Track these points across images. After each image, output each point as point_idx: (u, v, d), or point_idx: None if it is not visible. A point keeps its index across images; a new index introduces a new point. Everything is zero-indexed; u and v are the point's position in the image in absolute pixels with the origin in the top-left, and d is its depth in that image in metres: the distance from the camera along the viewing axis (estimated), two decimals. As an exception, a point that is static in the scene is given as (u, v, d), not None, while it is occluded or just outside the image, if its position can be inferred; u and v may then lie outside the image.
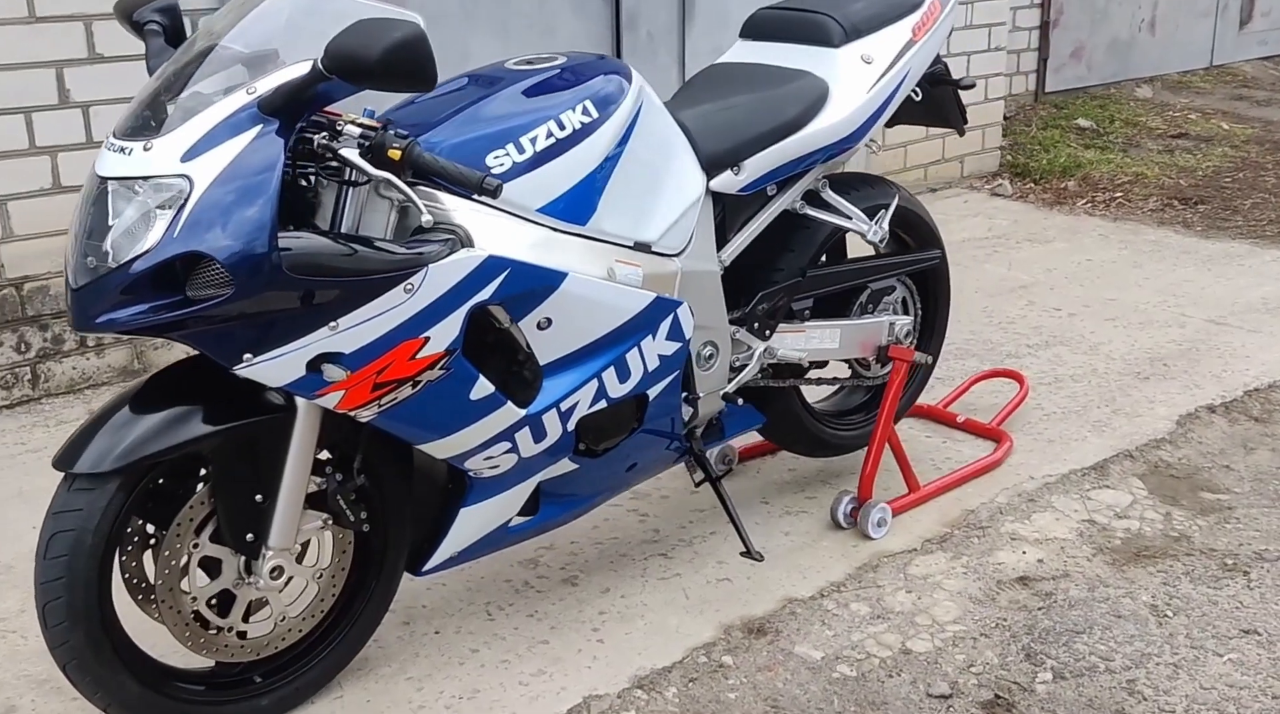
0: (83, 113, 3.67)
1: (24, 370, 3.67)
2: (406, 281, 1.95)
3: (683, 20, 4.95)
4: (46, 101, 3.60)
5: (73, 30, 3.61)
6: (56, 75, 3.61)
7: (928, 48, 2.77)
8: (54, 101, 3.62)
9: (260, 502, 2.07)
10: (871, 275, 2.86)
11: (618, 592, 2.65)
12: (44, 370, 3.70)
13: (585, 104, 2.22)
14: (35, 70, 3.57)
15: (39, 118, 3.60)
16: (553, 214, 2.18)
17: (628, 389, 2.32)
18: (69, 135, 3.65)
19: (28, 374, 3.67)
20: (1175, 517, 2.97)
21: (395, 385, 2.00)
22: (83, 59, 3.64)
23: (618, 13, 4.75)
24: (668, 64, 4.95)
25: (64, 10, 3.57)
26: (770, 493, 3.09)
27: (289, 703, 2.25)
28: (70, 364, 3.73)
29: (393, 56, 1.77)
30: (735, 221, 2.60)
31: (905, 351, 2.87)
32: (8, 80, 3.52)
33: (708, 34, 5.03)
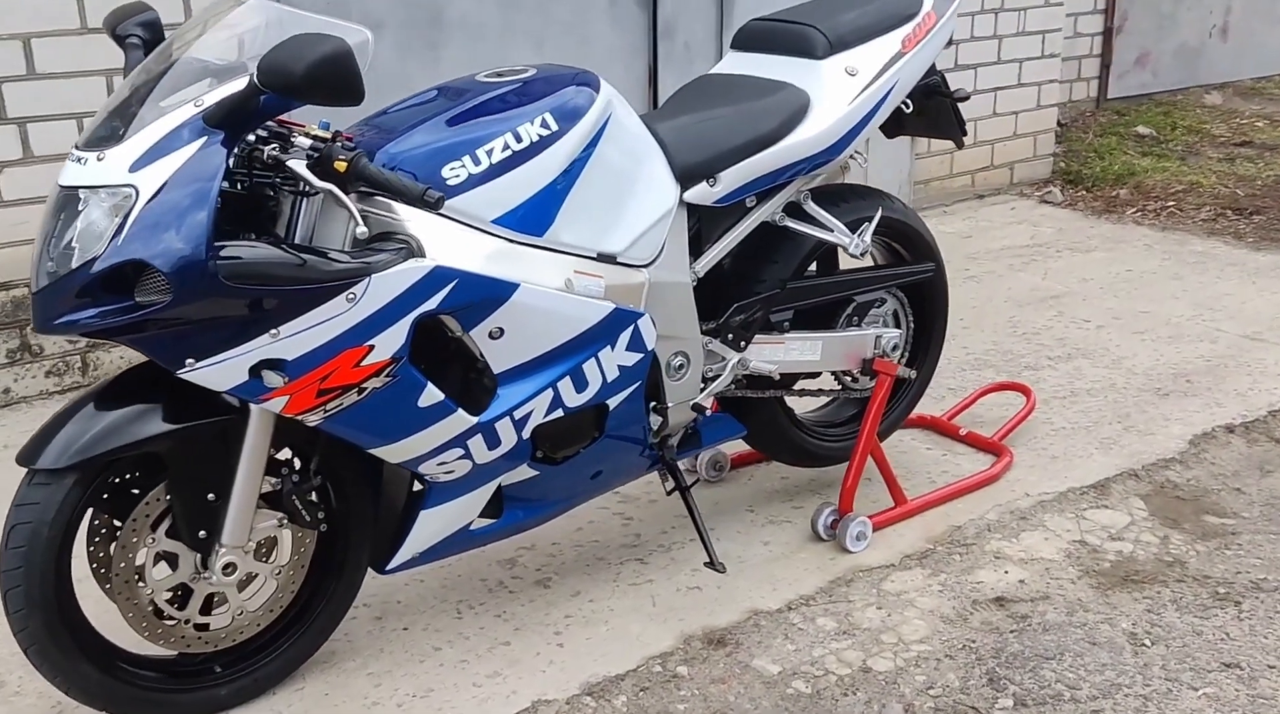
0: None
1: (74, 358, 3.82)
2: (349, 291, 1.99)
3: (720, 30, 4.94)
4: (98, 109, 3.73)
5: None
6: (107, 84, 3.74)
7: (919, 59, 2.74)
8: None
9: (213, 500, 2.13)
10: (855, 288, 2.84)
11: (587, 595, 2.67)
12: (93, 359, 3.85)
13: (545, 117, 2.24)
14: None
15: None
16: (508, 225, 2.21)
17: (586, 399, 2.34)
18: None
19: (78, 362, 3.83)
20: (1173, 540, 2.91)
21: (340, 392, 2.05)
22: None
23: (654, 23, 4.77)
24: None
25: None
26: (758, 501, 3.09)
27: (248, 694, 2.31)
28: (118, 352, 3.87)
29: (317, 71, 1.81)
30: (712, 233, 2.61)
31: (889, 365, 2.85)
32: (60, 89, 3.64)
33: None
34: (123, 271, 1.88)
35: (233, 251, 1.90)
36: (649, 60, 4.81)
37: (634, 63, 4.77)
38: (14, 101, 3.64)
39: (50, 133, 3.69)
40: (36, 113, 3.67)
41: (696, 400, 2.59)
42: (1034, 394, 3.50)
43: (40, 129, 3.67)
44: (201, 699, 2.26)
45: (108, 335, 1.94)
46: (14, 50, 3.60)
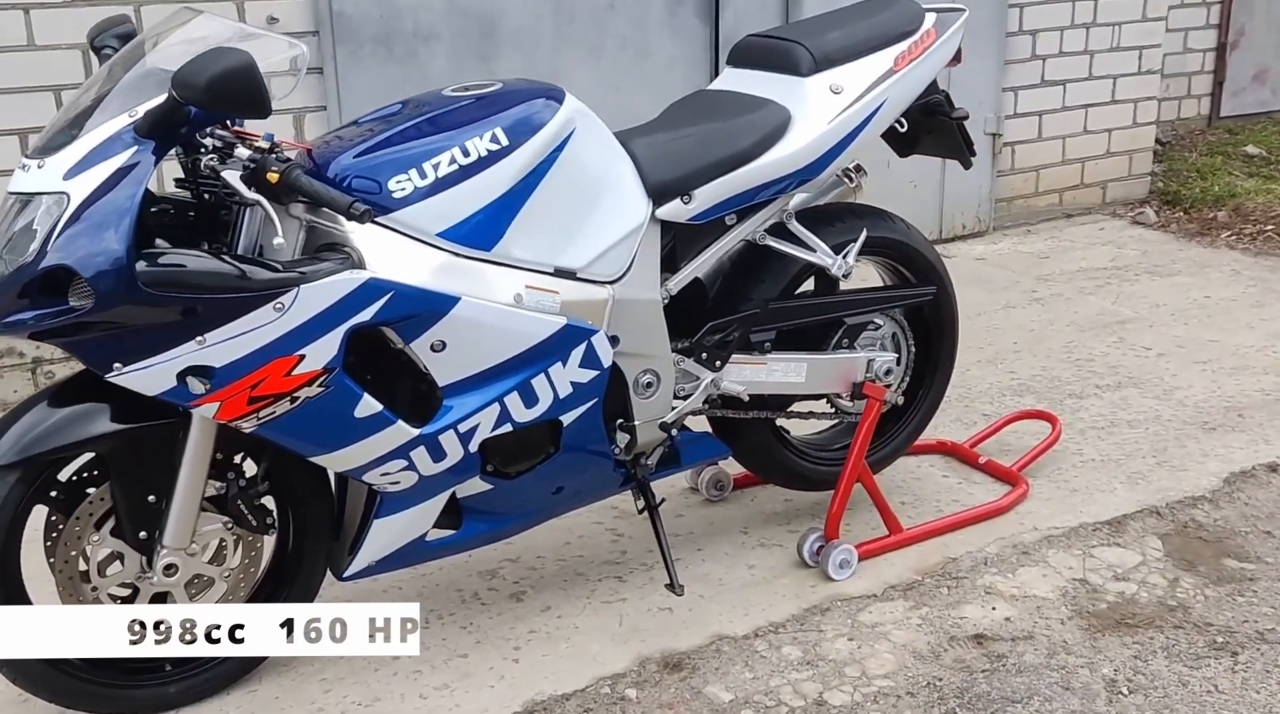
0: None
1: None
2: (276, 301, 2.02)
3: (784, 37, 4.88)
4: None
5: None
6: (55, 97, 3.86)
7: (913, 77, 2.66)
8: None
9: (153, 502, 2.18)
10: (843, 310, 2.77)
11: (557, 611, 2.66)
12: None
13: (495, 132, 2.24)
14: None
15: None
16: (454, 239, 2.21)
17: (536, 414, 2.33)
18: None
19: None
20: (1182, 584, 2.76)
21: (272, 400, 2.08)
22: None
23: (715, 36, 4.73)
24: (767, 81, 4.89)
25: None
26: (754, 523, 3.03)
27: (198, 693, 2.36)
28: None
29: (218, 84, 1.85)
30: (688, 250, 2.57)
31: (878, 390, 2.77)
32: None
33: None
34: (56, 275, 1.94)
35: (154, 259, 1.95)
36: (709, 73, 4.77)
37: (693, 75, 4.74)
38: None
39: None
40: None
41: (664, 419, 2.55)
42: (1060, 423, 3.36)
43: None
44: (151, 695, 2.32)
45: (45, 337, 2.00)
46: (73, 58, 3.76)
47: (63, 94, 3.76)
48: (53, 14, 3.70)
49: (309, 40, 4.05)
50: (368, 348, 2.21)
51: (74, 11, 3.70)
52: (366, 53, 4.12)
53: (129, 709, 2.31)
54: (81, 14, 3.69)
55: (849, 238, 2.70)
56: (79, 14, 3.68)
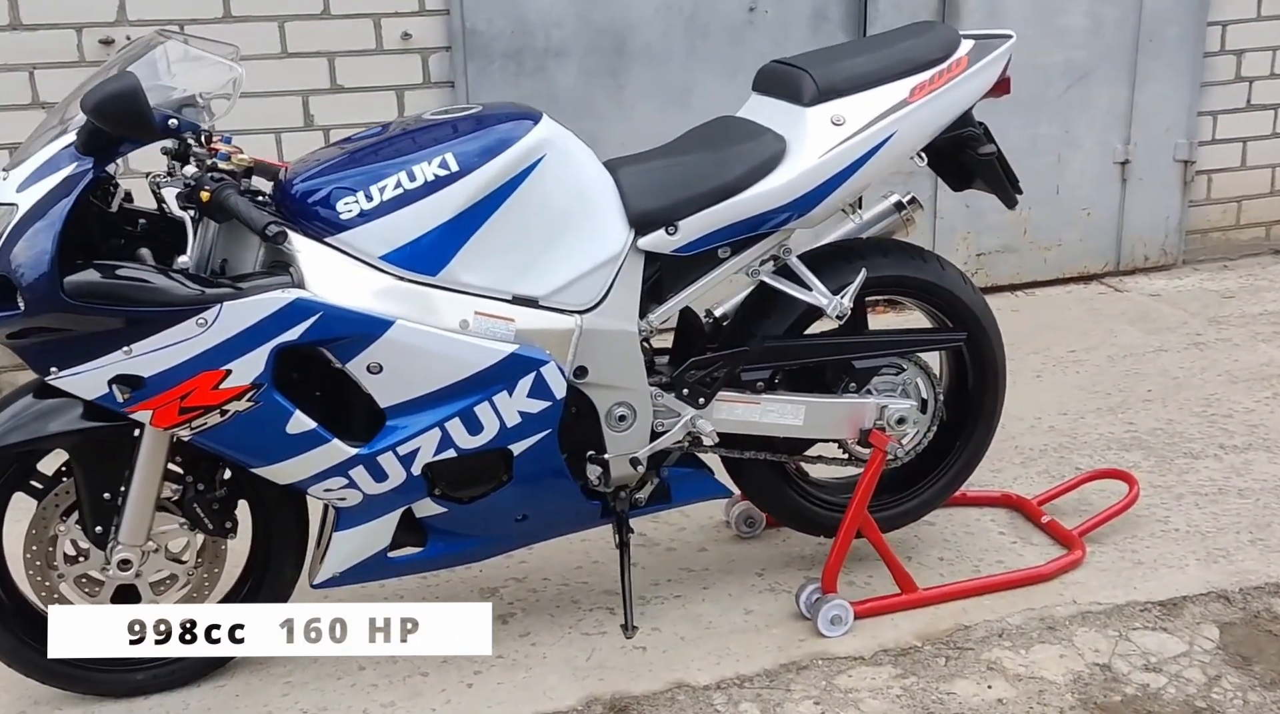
0: (324, 134, 4.13)
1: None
2: (199, 316, 2.10)
3: (939, 54, 4.64)
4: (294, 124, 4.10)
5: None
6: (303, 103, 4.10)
7: (932, 109, 2.47)
8: (300, 124, 4.11)
9: (109, 499, 2.30)
10: (849, 353, 2.61)
11: (535, 638, 2.64)
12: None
13: (445, 157, 2.24)
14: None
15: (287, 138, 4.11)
16: (396, 262, 2.23)
17: (482, 442, 2.31)
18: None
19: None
20: (1225, 683, 2.46)
21: (202, 412, 2.16)
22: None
23: (861, 45, 4.56)
24: (919, 99, 4.67)
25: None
26: (774, 565, 2.91)
27: (165, 683, 2.47)
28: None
29: (102, 107, 1.94)
30: (676, 283, 2.49)
31: (882, 438, 2.59)
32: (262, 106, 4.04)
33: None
34: (7, 280, 2.08)
35: (81, 270, 2.05)
36: (855, 90, 4.60)
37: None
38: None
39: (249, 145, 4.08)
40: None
41: (635, 455, 2.48)
42: (1137, 486, 3.05)
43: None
44: (117, 680, 2.45)
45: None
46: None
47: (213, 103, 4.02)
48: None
49: (441, 56, 4.17)
50: (323, 364, 2.25)
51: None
52: (497, 68, 4.21)
53: (95, 691, 2.44)
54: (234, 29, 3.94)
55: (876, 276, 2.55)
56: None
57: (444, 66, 4.18)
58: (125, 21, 3.87)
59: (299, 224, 2.23)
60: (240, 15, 3.95)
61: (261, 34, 3.98)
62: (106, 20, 3.85)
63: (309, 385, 2.30)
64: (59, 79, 3.85)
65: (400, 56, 4.12)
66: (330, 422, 2.27)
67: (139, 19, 3.88)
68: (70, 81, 3.72)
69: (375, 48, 4.09)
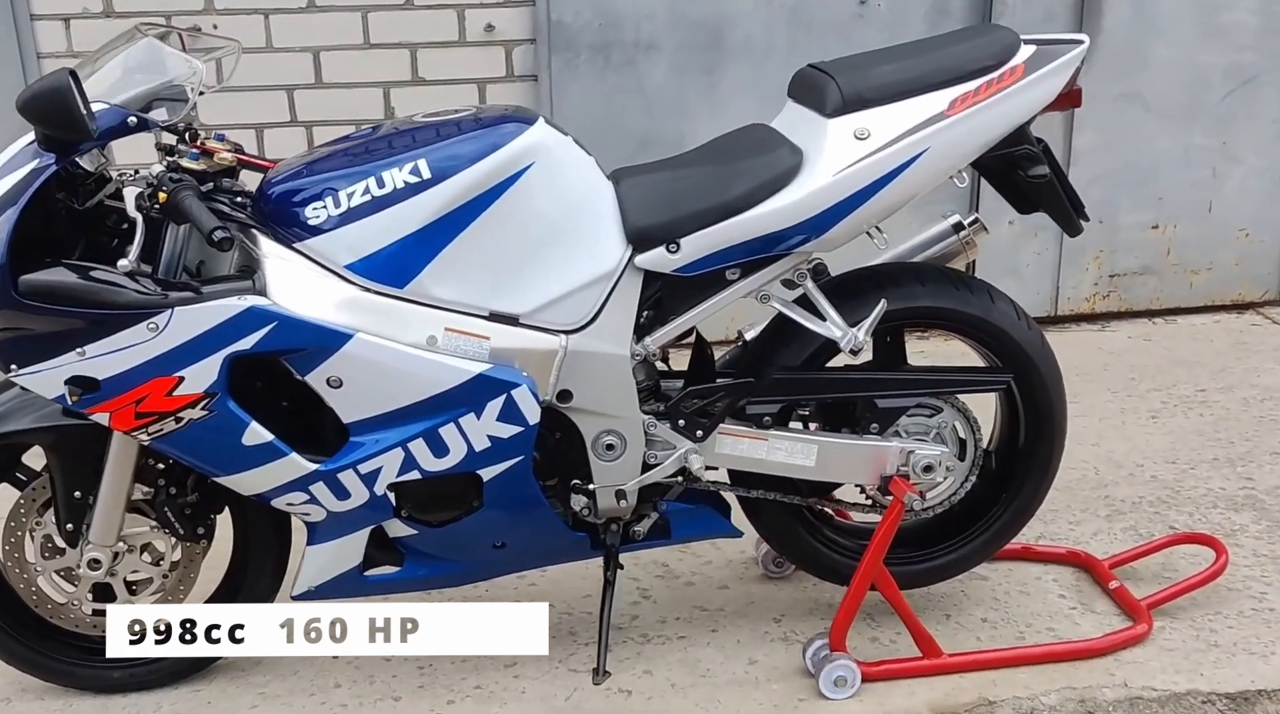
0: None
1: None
2: (149, 321, 2.02)
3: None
4: (375, 116, 4.06)
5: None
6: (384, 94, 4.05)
7: (976, 123, 2.21)
8: (381, 116, 4.07)
9: (79, 498, 2.27)
10: (874, 390, 2.37)
11: (518, 670, 2.49)
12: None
13: (417, 164, 2.11)
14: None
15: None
16: (361, 272, 2.12)
17: (448, 465, 2.18)
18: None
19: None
20: (1282, 795, 2.14)
21: (158, 418, 2.09)
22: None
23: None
24: (1049, 107, 4.31)
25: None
26: (796, 611, 2.69)
27: (141, 682, 2.44)
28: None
29: (29, 105, 1.88)
30: (679, 305, 2.30)
31: (903, 486, 2.35)
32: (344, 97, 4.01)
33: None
34: None
35: (33, 270, 2.00)
36: (976, 95, 4.28)
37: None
38: (303, 107, 4.05)
39: (330, 136, 4.05)
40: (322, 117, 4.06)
41: (621, 486, 2.31)
42: (1226, 555, 2.70)
43: (322, 133, 4.05)
44: (93, 676, 2.43)
45: None
46: (304, 60, 4.00)
47: (294, 93, 4.02)
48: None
49: (526, 48, 4.06)
50: (278, 376, 2.16)
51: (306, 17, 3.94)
52: (583, 61, 4.07)
53: (71, 684, 2.43)
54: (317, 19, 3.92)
55: (904, 306, 2.32)
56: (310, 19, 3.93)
57: (528, 60, 4.06)
58: (213, 10, 3.88)
59: (270, 228, 2.14)
60: (323, 6, 3.92)
61: (345, 24, 3.94)
62: (194, 9, 3.87)
63: (278, 395, 2.21)
64: (152, 64, 3.89)
65: (483, 49, 4.02)
66: (301, 434, 2.18)
67: (225, 8, 3.88)
68: (159, 67, 3.75)
69: (458, 39, 4.00)
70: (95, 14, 3.85)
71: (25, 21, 3.83)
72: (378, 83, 4.02)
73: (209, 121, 3.77)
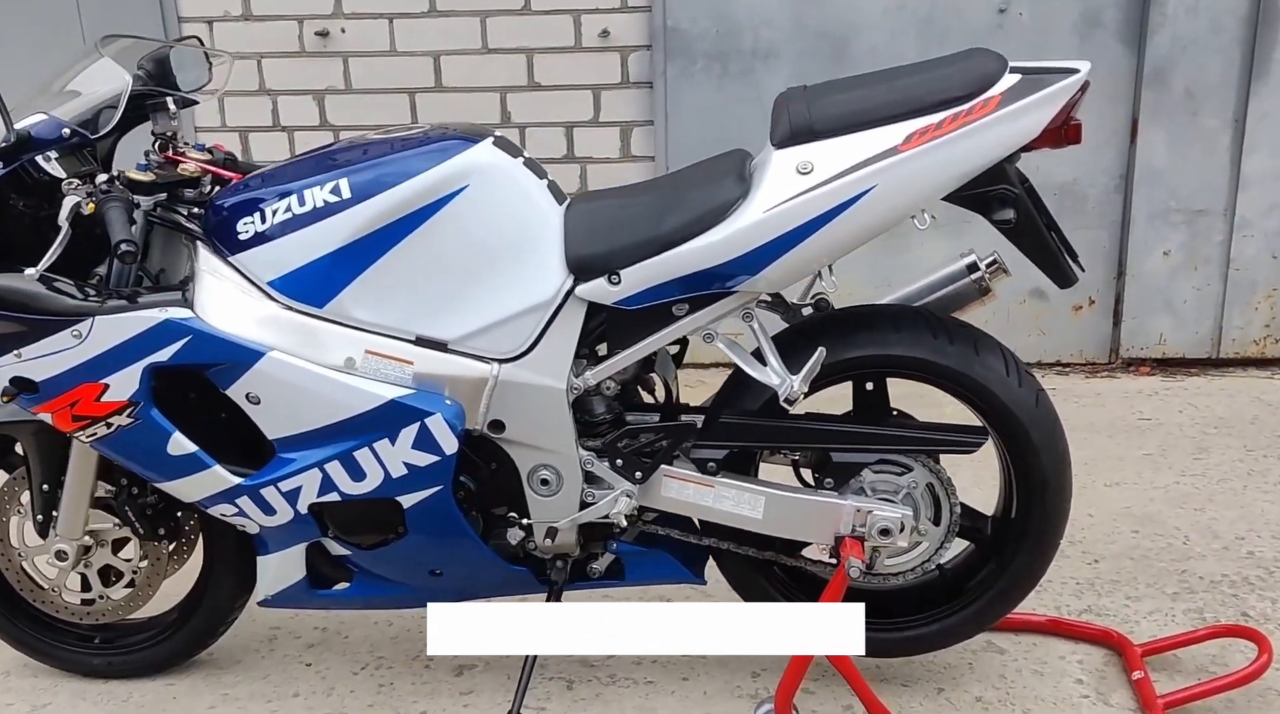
0: (519, 132, 4.11)
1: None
2: (74, 327, 2.09)
3: (1248, 73, 3.82)
4: (491, 121, 4.10)
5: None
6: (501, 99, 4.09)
7: (931, 160, 1.96)
8: (497, 120, 4.10)
9: (47, 491, 2.37)
10: (826, 442, 2.17)
11: (468, 700, 2.44)
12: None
13: (339, 183, 2.08)
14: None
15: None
16: (282, 290, 2.11)
17: (366, 490, 2.15)
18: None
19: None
20: None
21: (91, 421, 2.16)
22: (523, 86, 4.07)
23: (1140, 63, 3.85)
24: (1217, 130, 3.89)
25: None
26: (780, 668, 2.51)
27: (119, 670, 2.54)
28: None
29: None
30: (623, 338, 2.18)
31: (851, 547, 2.14)
32: (462, 101, 4.07)
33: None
34: None
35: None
36: (1129, 109, 3.89)
37: (1110, 111, 3.90)
38: (424, 111, 4.12)
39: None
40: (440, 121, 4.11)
41: (554, 524, 2.22)
42: (1270, 652, 2.34)
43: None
44: (74, 659, 2.54)
45: None
46: (425, 64, 4.07)
47: (416, 96, 4.10)
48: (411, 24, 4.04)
49: (641, 55, 3.98)
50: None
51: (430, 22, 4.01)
52: (699, 69, 3.96)
53: (56, 665, 2.55)
54: (438, 24, 3.99)
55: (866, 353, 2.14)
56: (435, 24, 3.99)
57: (643, 66, 3.98)
58: (341, 14, 4.00)
59: (211, 241, 2.17)
60: (445, 10, 3.97)
61: (464, 29, 3.98)
62: (324, 13, 4.00)
63: (219, 406, 2.24)
64: (282, 67, 4.05)
65: (598, 55, 3.97)
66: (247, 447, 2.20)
67: (353, 12, 3.99)
68: (292, 70, 3.92)
69: (574, 45, 3.97)
70: (235, 17, 4.04)
71: (173, 23, 4.06)
72: (495, 87, 4.04)
73: (337, 123, 3.91)
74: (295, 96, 4.10)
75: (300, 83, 4.08)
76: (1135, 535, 2.98)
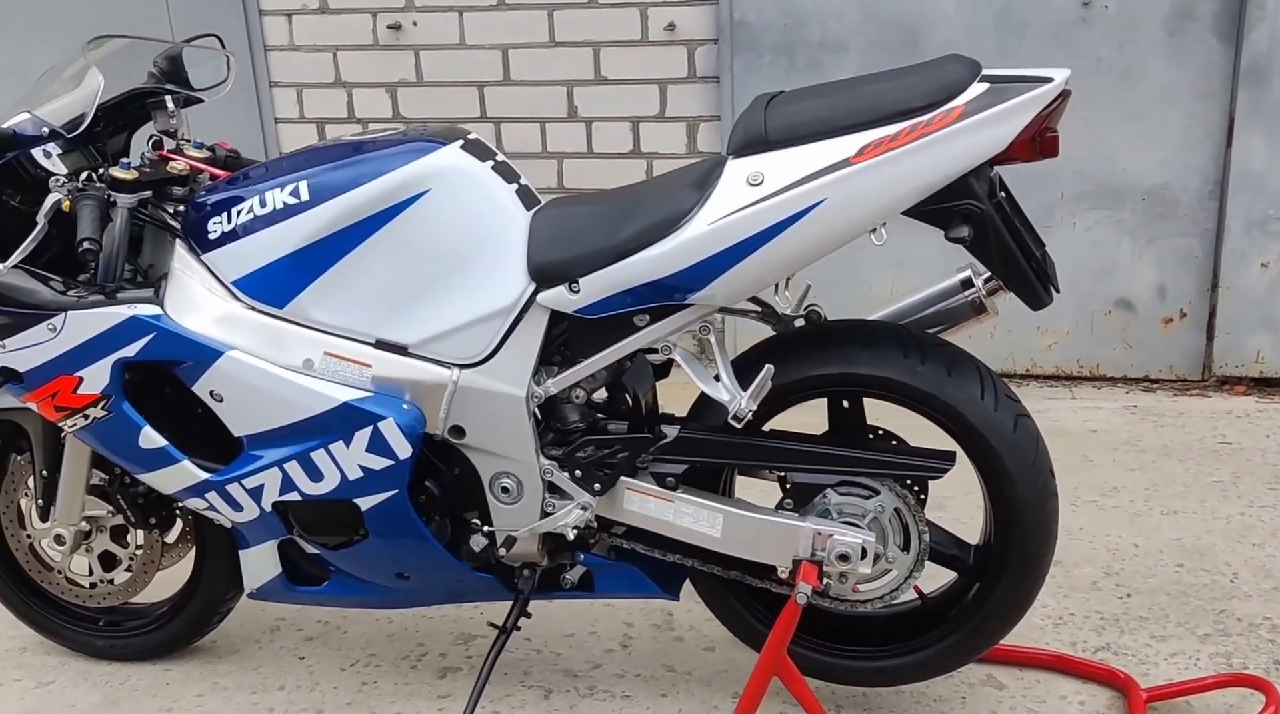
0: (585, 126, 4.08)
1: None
2: (49, 321, 2.15)
3: (1360, 67, 3.52)
4: (558, 115, 4.09)
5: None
6: (567, 93, 4.07)
7: (885, 173, 1.83)
8: (563, 115, 4.09)
9: (46, 476, 2.45)
10: (784, 461, 2.08)
11: (442, 704, 2.44)
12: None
13: (298, 185, 2.08)
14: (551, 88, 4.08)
15: (550, 128, 4.11)
16: (245, 290, 2.13)
17: (324, 491, 2.15)
18: (573, 144, 4.11)
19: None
20: None
21: (70, 412, 2.22)
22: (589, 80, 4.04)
23: (1237, 59, 3.59)
24: (1321, 129, 3.60)
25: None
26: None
27: (122, 654, 2.62)
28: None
29: None
30: (585, 347, 2.13)
31: (806, 571, 2.05)
32: (529, 95, 4.07)
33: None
34: None
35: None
36: (1225, 108, 3.63)
37: (1202, 111, 3.65)
38: (492, 104, 4.13)
39: (515, 132, 4.12)
40: (508, 114, 4.12)
41: (513, 533, 2.19)
42: (1277, 705, 2.15)
43: (509, 129, 4.11)
44: (79, 639, 2.63)
45: None
46: (494, 58, 4.07)
47: (484, 89, 4.11)
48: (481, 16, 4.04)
49: (708, 48, 3.91)
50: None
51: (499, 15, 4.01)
52: (766, 63, 3.86)
53: (63, 644, 2.65)
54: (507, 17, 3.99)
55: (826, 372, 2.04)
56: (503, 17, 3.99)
57: (710, 60, 3.90)
58: (412, 7, 4.03)
59: (188, 239, 2.20)
60: (513, 4, 3.96)
61: (532, 23, 3.96)
62: (396, 6, 4.03)
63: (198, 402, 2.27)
64: (357, 60, 4.11)
65: (665, 48, 3.91)
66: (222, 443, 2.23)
67: (424, 5, 4.02)
68: (365, 63, 3.98)
69: (640, 38, 3.91)
70: (313, 10, 4.12)
71: (255, 16, 4.15)
72: (562, 81, 4.02)
73: (410, 116, 3.95)
74: (369, 89, 4.16)
75: (374, 75, 4.13)
76: (1179, 570, 2.78)
